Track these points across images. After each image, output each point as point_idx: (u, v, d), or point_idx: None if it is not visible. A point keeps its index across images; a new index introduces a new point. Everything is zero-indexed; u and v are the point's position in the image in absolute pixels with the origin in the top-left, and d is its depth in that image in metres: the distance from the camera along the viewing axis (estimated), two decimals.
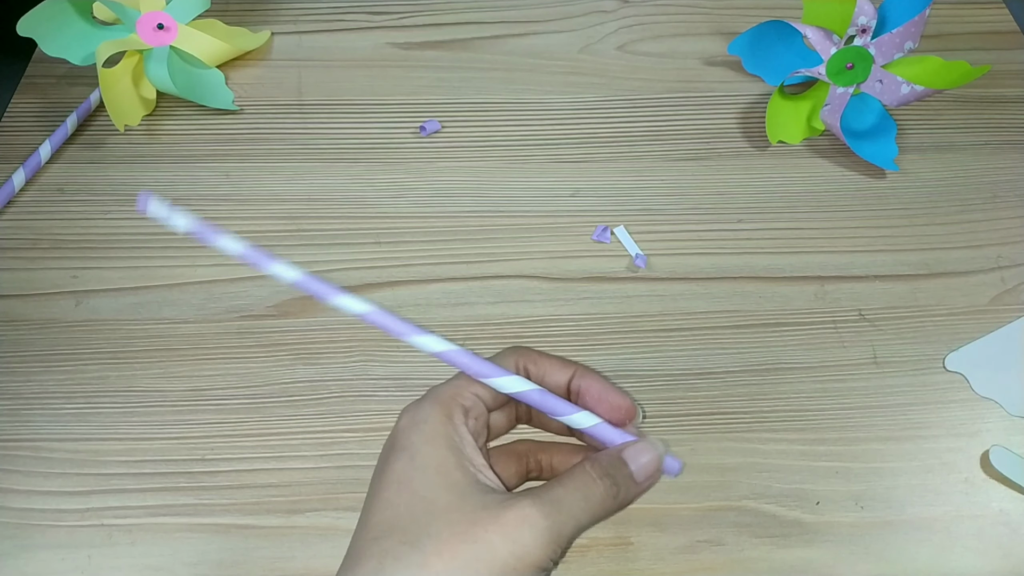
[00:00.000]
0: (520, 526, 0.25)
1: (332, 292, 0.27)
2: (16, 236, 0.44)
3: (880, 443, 0.38)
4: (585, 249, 0.43)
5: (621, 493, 0.27)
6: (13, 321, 0.41)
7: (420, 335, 0.28)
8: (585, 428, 0.28)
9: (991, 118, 0.48)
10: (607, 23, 0.53)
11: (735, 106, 0.49)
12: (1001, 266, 0.43)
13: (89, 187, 0.46)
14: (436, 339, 0.28)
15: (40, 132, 0.47)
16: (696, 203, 0.45)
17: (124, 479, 0.36)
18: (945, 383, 0.39)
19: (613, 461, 0.27)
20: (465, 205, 0.45)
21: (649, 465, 0.28)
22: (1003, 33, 0.53)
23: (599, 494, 0.26)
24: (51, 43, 0.45)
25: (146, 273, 0.43)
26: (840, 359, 0.40)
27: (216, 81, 0.49)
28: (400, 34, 0.53)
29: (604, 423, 0.28)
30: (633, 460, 0.28)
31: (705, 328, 0.41)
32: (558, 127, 0.48)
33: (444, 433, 0.27)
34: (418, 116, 0.49)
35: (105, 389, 0.39)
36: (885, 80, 0.45)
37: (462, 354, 0.28)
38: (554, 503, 0.26)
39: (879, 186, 0.46)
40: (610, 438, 0.28)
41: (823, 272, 0.43)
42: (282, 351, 0.40)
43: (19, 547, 0.35)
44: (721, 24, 0.53)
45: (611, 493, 0.27)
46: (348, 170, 0.46)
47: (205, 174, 0.46)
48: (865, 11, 0.44)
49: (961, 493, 0.36)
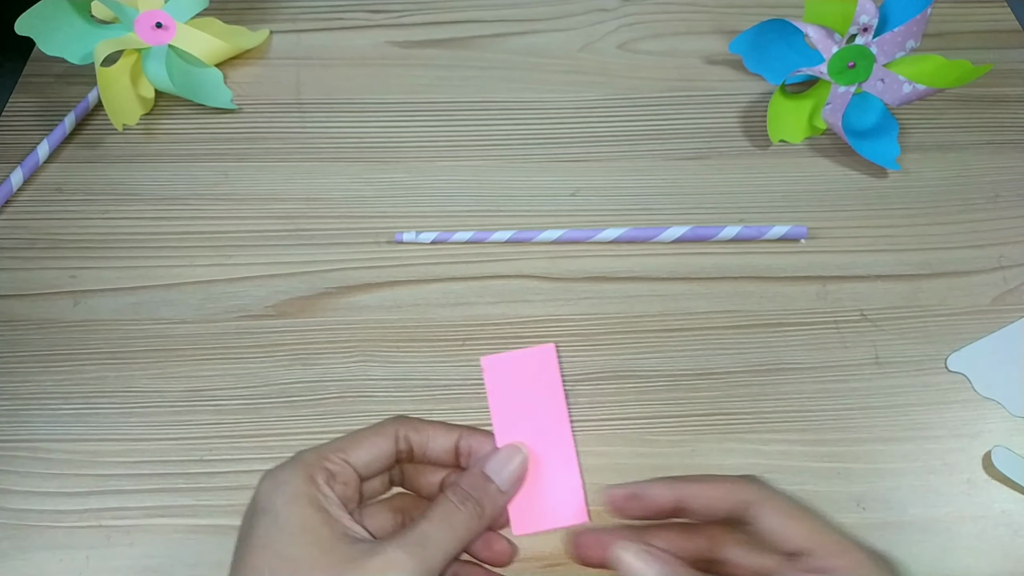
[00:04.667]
0: (387, 570, 0.25)
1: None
2: (14, 236, 0.44)
3: (882, 444, 0.37)
4: (585, 249, 0.43)
5: (487, 510, 0.27)
6: (11, 321, 0.41)
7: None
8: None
9: (993, 117, 0.48)
10: (608, 21, 0.53)
11: (736, 105, 0.49)
12: (1003, 266, 0.43)
13: (87, 186, 0.45)
14: None
15: (38, 131, 0.47)
16: (697, 202, 0.45)
17: (122, 480, 0.36)
18: (947, 383, 0.39)
19: (474, 482, 0.28)
20: (465, 204, 0.45)
21: (514, 472, 0.28)
22: (1005, 32, 0.52)
23: (463, 519, 0.27)
24: (49, 42, 0.45)
25: (144, 273, 0.42)
26: (842, 359, 0.40)
27: (214, 80, 0.49)
28: (399, 32, 0.52)
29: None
30: (497, 474, 0.28)
31: (706, 328, 0.41)
32: (558, 126, 0.48)
33: (307, 493, 0.27)
34: (418, 115, 0.48)
35: (103, 389, 0.39)
36: (887, 79, 0.44)
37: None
38: (419, 541, 0.26)
39: (881, 185, 0.46)
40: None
41: (825, 272, 0.42)
42: (281, 351, 0.40)
43: (17, 548, 0.35)
44: (722, 23, 0.53)
45: (475, 514, 0.27)
46: (347, 169, 0.46)
47: (204, 173, 0.46)
48: (867, 10, 0.44)
49: (963, 494, 0.36)
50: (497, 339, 0.40)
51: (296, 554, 0.25)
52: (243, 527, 0.28)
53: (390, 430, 0.30)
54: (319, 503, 0.27)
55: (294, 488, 0.27)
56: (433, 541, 0.26)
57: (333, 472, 0.28)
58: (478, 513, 0.27)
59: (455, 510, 0.27)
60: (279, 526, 0.26)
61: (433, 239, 0.43)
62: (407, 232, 0.43)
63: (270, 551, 0.26)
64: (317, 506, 0.27)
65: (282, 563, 0.25)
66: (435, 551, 0.26)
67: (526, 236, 0.43)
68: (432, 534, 0.26)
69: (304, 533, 0.26)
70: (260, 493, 0.28)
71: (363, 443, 0.29)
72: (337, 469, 0.28)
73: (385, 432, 0.30)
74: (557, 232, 0.43)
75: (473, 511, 0.27)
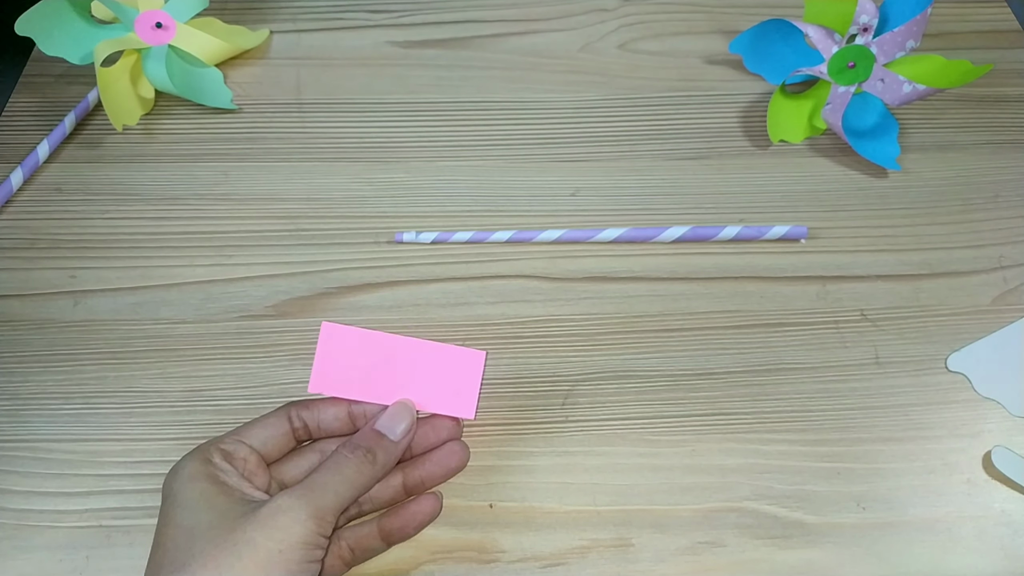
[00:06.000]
0: (276, 515, 0.27)
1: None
2: (14, 236, 0.44)
3: (882, 444, 0.37)
4: (585, 249, 0.43)
5: (379, 457, 0.30)
6: (11, 321, 0.41)
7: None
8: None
9: (993, 117, 0.48)
10: (608, 22, 0.53)
11: (736, 105, 0.49)
12: (1003, 266, 0.43)
13: (87, 187, 0.45)
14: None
15: (38, 131, 0.47)
16: (697, 202, 0.45)
17: (122, 480, 0.36)
18: (947, 383, 0.39)
19: (367, 436, 0.31)
20: (465, 204, 0.45)
21: (405, 425, 0.32)
22: (1005, 32, 0.52)
23: (354, 465, 0.29)
24: (49, 42, 0.45)
25: (144, 273, 0.42)
26: (842, 359, 0.40)
27: (215, 80, 0.49)
28: (399, 32, 0.52)
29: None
30: (389, 429, 0.31)
31: (706, 328, 0.41)
32: (558, 126, 0.48)
33: (202, 471, 0.29)
34: (418, 115, 0.48)
35: (103, 389, 0.39)
36: (887, 79, 0.44)
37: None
38: (308, 485, 0.28)
39: (881, 185, 0.46)
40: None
41: (825, 272, 0.42)
42: (281, 351, 0.40)
43: (17, 548, 0.35)
44: (722, 23, 0.53)
45: (367, 460, 0.30)
46: (347, 169, 0.46)
47: (203, 173, 0.46)
48: (867, 10, 0.44)
49: (963, 494, 0.36)
50: (497, 339, 0.40)
51: (193, 523, 0.28)
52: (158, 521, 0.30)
53: (281, 411, 0.33)
54: (215, 477, 0.29)
55: (189, 469, 0.29)
56: (321, 485, 0.28)
57: (228, 451, 0.31)
58: (370, 459, 0.30)
59: (345, 458, 0.30)
60: (178, 503, 0.28)
61: (433, 239, 0.43)
62: (407, 232, 0.43)
63: (171, 526, 0.28)
64: (213, 479, 0.29)
65: (182, 533, 0.28)
66: (324, 493, 0.28)
67: (526, 236, 0.43)
68: (321, 480, 0.29)
69: (199, 503, 0.28)
70: (164, 486, 0.30)
71: (256, 424, 0.32)
72: (231, 448, 0.31)
73: (277, 414, 0.33)
74: (557, 232, 0.43)
75: (364, 458, 0.30)
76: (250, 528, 0.27)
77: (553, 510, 0.36)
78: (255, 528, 0.27)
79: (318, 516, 0.28)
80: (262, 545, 0.26)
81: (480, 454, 0.36)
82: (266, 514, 0.27)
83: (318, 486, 0.28)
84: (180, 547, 0.27)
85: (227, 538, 0.27)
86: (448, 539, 0.35)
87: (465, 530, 0.35)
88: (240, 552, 0.26)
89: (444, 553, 0.34)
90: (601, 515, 0.35)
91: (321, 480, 0.29)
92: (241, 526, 0.27)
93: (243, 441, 0.32)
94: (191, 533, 0.27)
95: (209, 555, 0.26)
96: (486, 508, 0.35)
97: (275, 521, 0.27)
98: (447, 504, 0.35)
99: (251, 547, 0.26)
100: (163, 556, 0.28)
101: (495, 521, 0.35)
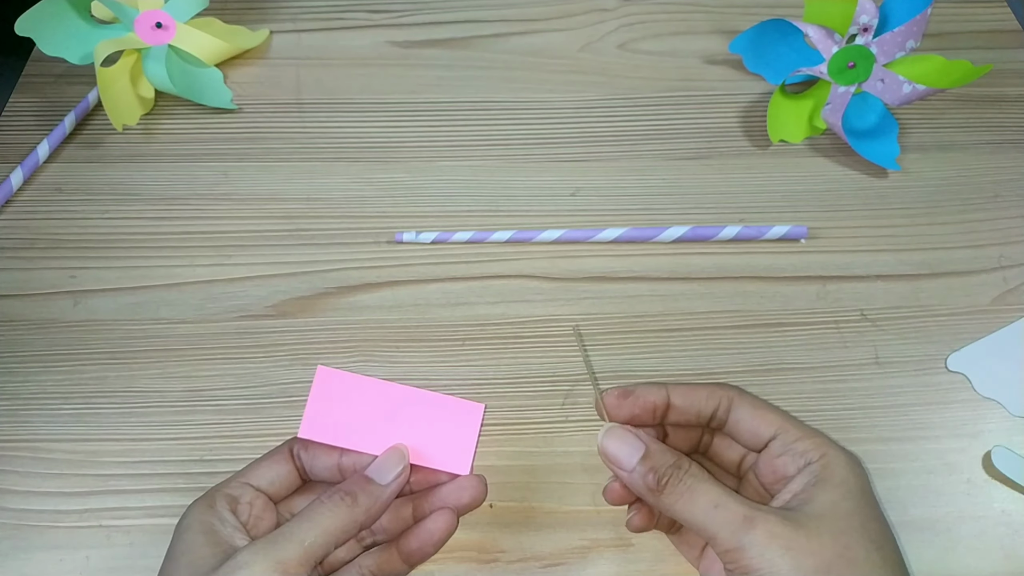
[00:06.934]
0: (236, 570, 0.26)
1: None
2: (14, 236, 0.44)
3: (882, 444, 0.37)
4: (585, 249, 0.43)
5: (362, 500, 0.29)
6: (11, 321, 0.41)
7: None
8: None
9: (993, 117, 0.48)
10: (607, 21, 0.53)
11: (736, 105, 0.49)
12: (1003, 266, 0.43)
13: (87, 186, 0.45)
14: None
15: (38, 131, 0.47)
16: (697, 202, 0.45)
17: (122, 480, 0.36)
18: (947, 383, 0.39)
19: (351, 481, 0.30)
20: (465, 204, 0.45)
21: (394, 471, 0.30)
22: (1005, 32, 0.52)
23: (327, 511, 0.28)
24: (49, 42, 0.45)
25: (144, 273, 0.42)
26: (842, 359, 0.40)
27: (214, 80, 0.49)
28: (399, 32, 0.52)
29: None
30: (377, 473, 0.30)
31: (706, 328, 0.41)
32: (558, 126, 0.48)
33: (200, 520, 0.29)
34: (418, 115, 0.48)
35: (103, 389, 0.39)
36: (887, 79, 0.44)
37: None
38: (272, 538, 0.27)
39: (881, 185, 0.46)
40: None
41: (825, 272, 0.42)
42: (281, 351, 0.40)
43: (17, 548, 0.35)
44: (722, 22, 0.53)
45: (344, 504, 0.28)
46: (347, 169, 0.46)
47: (203, 173, 0.46)
48: (867, 10, 0.44)
49: (963, 494, 0.36)
50: (497, 339, 0.40)
51: (169, 573, 0.28)
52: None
53: (284, 449, 0.32)
54: (210, 527, 0.29)
55: (189, 519, 0.29)
56: (287, 536, 0.27)
57: (234, 496, 0.30)
58: (347, 503, 0.28)
59: (320, 504, 0.28)
60: (171, 557, 0.29)
61: (433, 239, 0.43)
62: (407, 232, 0.43)
63: (160, 572, 0.28)
64: (206, 530, 0.29)
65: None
66: (288, 544, 0.27)
67: (526, 236, 0.43)
68: (289, 530, 0.28)
69: (182, 557, 0.28)
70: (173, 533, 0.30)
71: (261, 464, 0.32)
72: (237, 493, 0.30)
73: (280, 451, 0.32)
74: (557, 232, 0.43)
75: (340, 502, 0.28)
76: None
77: (553, 510, 0.36)
78: None
79: (281, 569, 0.26)
80: None
81: (481, 454, 0.36)
82: (228, 570, 0.26)
83: (283, 537, 0.27)
84: None
85: None
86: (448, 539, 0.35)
87: (465, 530, 0.35)
88: None
89: (444, 553, 0.34)
90: (601, 515, 0.35)
91: (288, 530, 0.28)
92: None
93: (249, 483, 0.31)
94: None
95: None
96: (486, 508, 0.35)
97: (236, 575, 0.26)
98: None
99: None
100: None
101: (495, 521, 0.35)
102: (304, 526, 0.28)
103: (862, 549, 0.26)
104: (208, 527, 0.29)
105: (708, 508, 0.27)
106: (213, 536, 0.28)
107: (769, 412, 0.30)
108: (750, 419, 0.30)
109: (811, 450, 0.29)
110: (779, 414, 0.30)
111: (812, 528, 0.26)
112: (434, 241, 0.43)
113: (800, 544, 0.26)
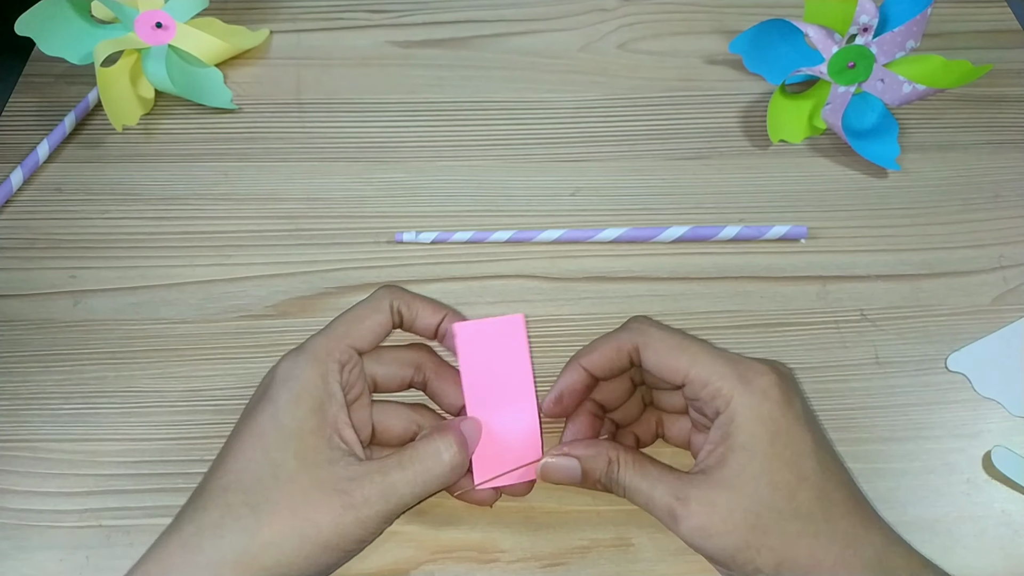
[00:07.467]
0: (346, 512, 0.27)
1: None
2: (14, 236, 0.44)
3: (881, 444, 0.37)
4: (585, 249, 0.43)
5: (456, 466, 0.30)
6: (11, 321, 0.41)
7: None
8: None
9: (993, 117, 0.48)
10: (607, 21, 0.53)
11: (736, 105, 0.49)
12: (1003, 266, 0.43)
13: (87, 186, 0.45)
14: None
15: (38, 131, 0.47)
16: (697, 202, 0.45)
17: (122, 480, 0.36)
18: (947, 383, 0.39)
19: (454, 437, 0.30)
20: (465, 204, 0.45)
21: (472, 441, 0.31)
22: (1005, 32, 0.52)
23: (436, 472, 0.29)
24: (49, 42, 0.45)
25: (144, 273, 0.42)
26: (842, 359, 0.40)
27: (214, 80, 0.49)
28: (399, 32, 0.52)
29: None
30: (471, 435, 0.31)
31: (706, 328, 0.41)
32: (558, 126, 0.48)
33: (313, 394, 0.29)
34: (418, 115, 0.48)
35: (103, 389, 0.39)
36: (887, 79, 0.44)
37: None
38: (386, 491, 0.28)
39: (881, 185, 0.46)
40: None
41: (825, 272, 0.42)
42: (281, 351, 0.39)
43: (16, 548, 0.35)
44: (722, 22, 0.53)
45: (456, 461, 0.29)
46: (347, 169, 0.46)
47: (203, 173, 0.46)
48: (867, 10, 0.44)
49: (963, 494, 0.36)
50: None
51: (281, 459, 0.28)
52: (251, 403, 0.30)
53: (384, 304, 0.32)
54: (321, 405, 0.29)
55: (301, 386, 0.29)
56: (398, 492, 0.28)
57: (342, 362, 0.30)
58: (457, 461, 0.30)
59: (437, 458, 0.29)
60: (277, 423, 0.28)
61: (433, 239, 0.43)
62: (407, 232, 0.43)
63: (262, 445, 0.28)
64: (317, 408, 0.28)
65: (268, 463, 0.28)
66: (397, 502, 0.28)
67: (526, 236, 0.43)
68: (399, 486, 0.28)
69: (295, 438, 0.28)
70: (274, 379, 0.30)
71: (365, 322, 0.31)
72: (345, 358, 0.30)
73: (381, 307, 0.32)
74: (557, 232, 0.43)
75: (453, 458, 0.30)
76: (322, 511, 0.27)
77: (553, 510, 0.36)
78: (325, 513, 0.27)
79: (382, 520, 0.28)
80: (325, 532, 0.27)
81: None
82: (338, 507, 0.27)
83: (395, 496, 0.28)
84: (262, 481, 0.27)
85: (300, 509, 0.27)
86: (448, 539, 0.35)
87: (465, 530, 0.35)
88: (306, 530, 0.27)
89: (444, 553, 0.34)
90: (601, 515, 0.35)
91: (400, 488, 0.29)
92: (315, 503, 0.27)
93: (355, 347, 0.31)
94: (276, 472, 0.27)
95: (280, 514, 0.27)
96: (486, 508, 0.35)
97: (343, 518, 0.27)
98: (447, 504, 0.35)
99: (316, 529, 0.27)
100: (244, 471, 0.28)
101: (495, 521, 0.35)
102: (412, 488, 0.29)
103: (775, 512, 0.28)
104: (319, 404, 0.29)
105: (647, 499, 0.30)
106: (322, 418, 0.28)
107: (672, 357, 0.30)
108: (658, 367, 0.31)
109: (716, 398, 0.29)
110: (684, 356, 0.30)
111: (723, 504, 0.28)
112: (434, 241, 0.43)
113: (716, 527, 0.28)
